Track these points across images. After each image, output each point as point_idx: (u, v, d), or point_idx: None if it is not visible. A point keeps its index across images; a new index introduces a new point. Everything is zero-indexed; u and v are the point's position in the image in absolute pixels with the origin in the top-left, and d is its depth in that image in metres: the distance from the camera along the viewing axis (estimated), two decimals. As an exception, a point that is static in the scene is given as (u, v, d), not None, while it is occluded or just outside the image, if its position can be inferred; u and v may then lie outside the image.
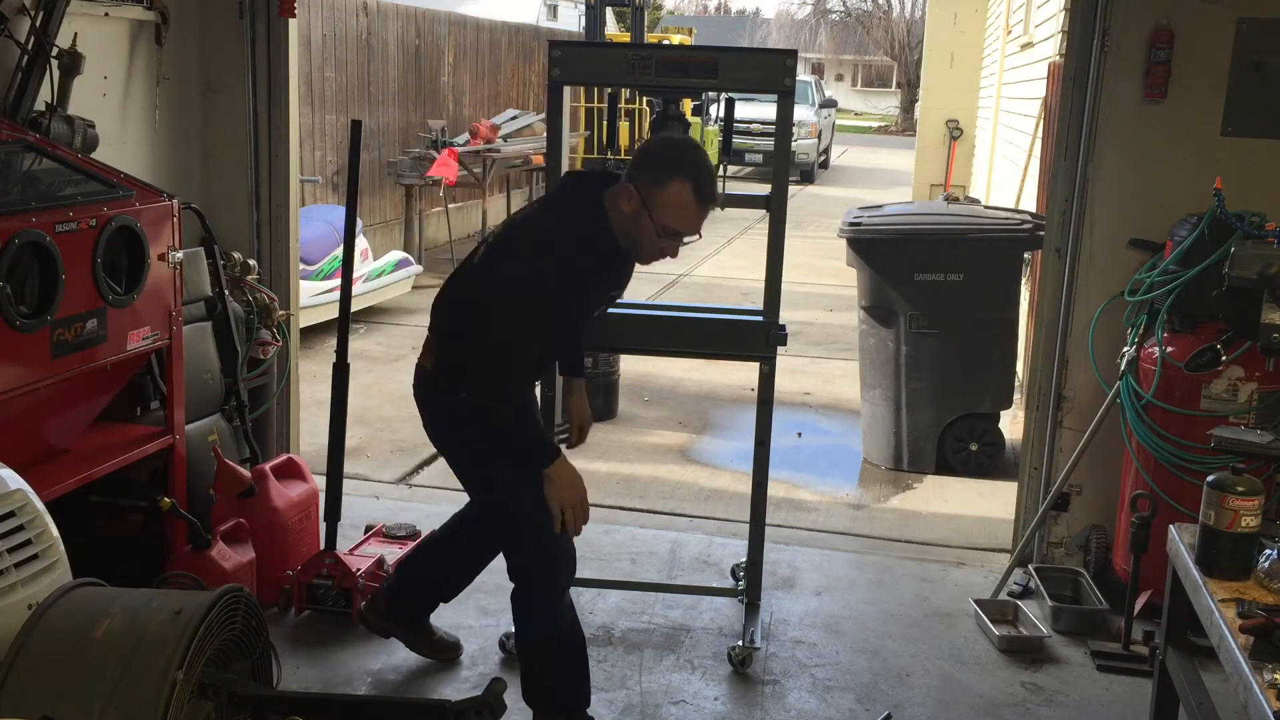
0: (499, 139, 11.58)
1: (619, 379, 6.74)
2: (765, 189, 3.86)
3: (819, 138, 22.45)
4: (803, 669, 3.82)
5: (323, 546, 4.07)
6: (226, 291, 4.33)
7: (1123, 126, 4.22)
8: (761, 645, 3.89)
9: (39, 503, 2.56)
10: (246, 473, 3.98)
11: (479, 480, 3.31)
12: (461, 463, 3.31)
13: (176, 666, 2.21)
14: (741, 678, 3.75)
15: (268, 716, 2.52)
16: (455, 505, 4.85)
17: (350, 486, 4.63)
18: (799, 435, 6.52)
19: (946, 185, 14.91)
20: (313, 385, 6.18)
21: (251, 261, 4.67)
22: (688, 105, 12.95)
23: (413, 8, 11.76)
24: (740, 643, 3.84)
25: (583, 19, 15.85)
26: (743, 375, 6.76)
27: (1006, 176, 9.75)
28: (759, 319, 3.83)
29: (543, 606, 3.22)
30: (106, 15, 4.22)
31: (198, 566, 3.59)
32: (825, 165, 24.56)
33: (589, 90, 13.77)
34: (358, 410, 5.64)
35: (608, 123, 4.04)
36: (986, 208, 7.23)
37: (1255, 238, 3.73)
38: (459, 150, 10.56)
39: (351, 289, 4.17)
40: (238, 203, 4.83)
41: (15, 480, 2.54)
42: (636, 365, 7.33)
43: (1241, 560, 2.67)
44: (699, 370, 7.53)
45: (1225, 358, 3.83)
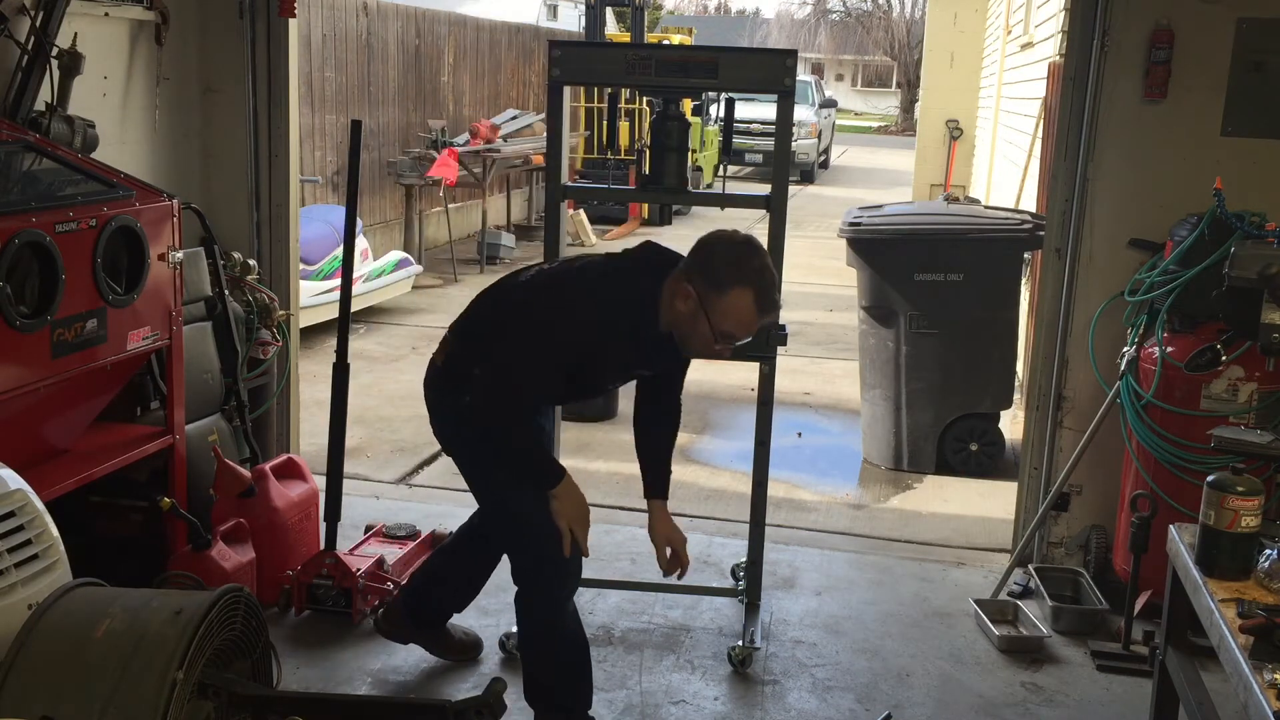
0: (499, 139, 11.58)
1: (619, 379, 6.73)
2: (765, 189, 3.86)
3: (819, 138, 22.46)
4: (803, 669, 3.82)
5: (323, 546, 4.06)
6: (226, 291, 4.33)
7: (1123, 126, 4.22)
8: (761, 645, 3.89)
9: (39, 503, 2.56)
10: (246, 473, 3.98)
11: (481, 481, 3.30)
12: (465, 463, 3.31)
13: (176, 666, 2.22)
14: (741, 678, 3.75)
15: (268, 716, 2.52)
16: (455, 505, 4.88)
17: (350, 486, 4.63)
18: (799, 435, 6.52)
19: (946, 185, 14.91)
20: (313, 385, 6.18)
21: (251, 261, 4.66)
22: (688, 105, 13.02)
23: (413, 8, 11.76)
24: (740, 643, 3.84)
25: (583, 19, 15.87)
26: (742, 375, 6.75)
27: (1006, 176, 9.75)
28: (759, 319, 3.82)
29: (545, 606, 3.22)
30: (106, 15, 4.22)
31: (198, 566, 3.59)
32: (825, 165, 24.57)
33: (589, 90, 13.78)
34: (358, 410, 5.64)
35: (608, 123, 4.04)
36: (986, 208, 7.23)
37: (1255, 238, 3.73)
38: (459, 150, 10.56)
39: (351, 289, 4.17)
40: (238, 203, 4.83)
41: (15, 480, 2.54)
42: (636, 365, 7.31)
43: (1241, 560, 2.67)
44: (699, 370, 7.42)
45: (1225, 358, 3.83)
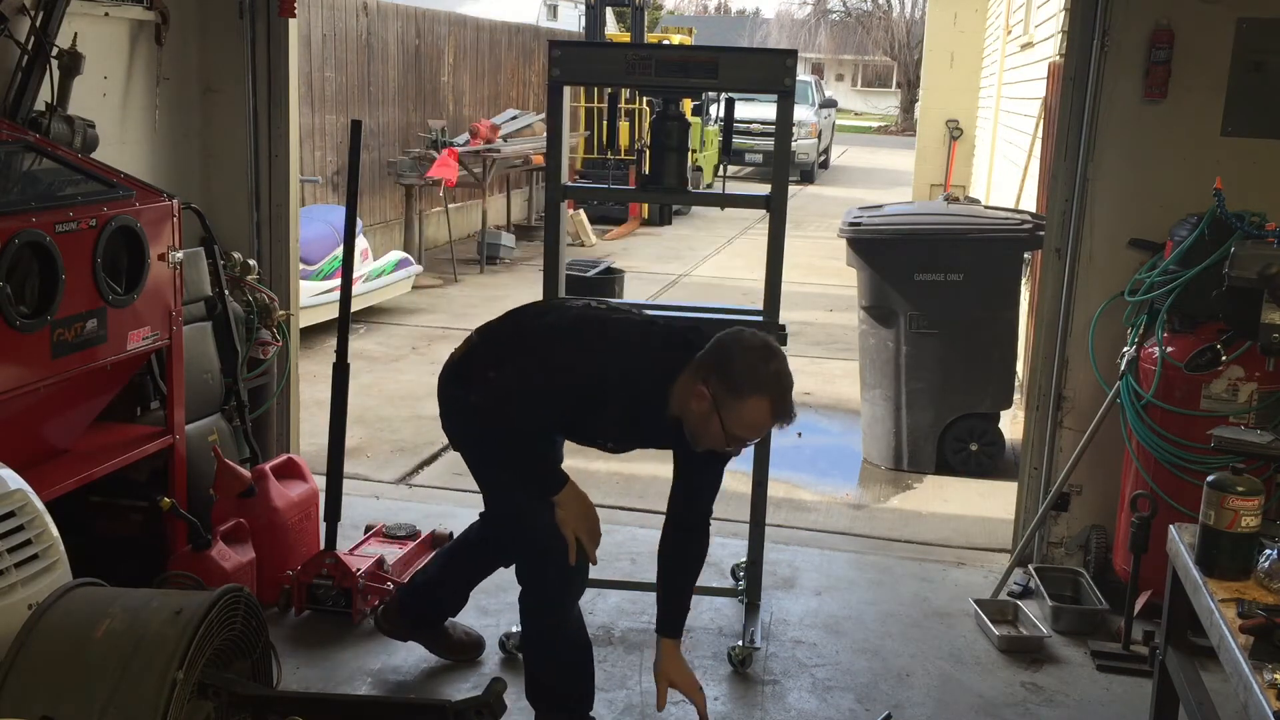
0: (499, 139, 11.57)
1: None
2: (765, 189, 3.86)
3: (819, 138, 22.46)
4: (803, 669, 3.82)
5: (323, 546, 4.06)
6: (226, 291, 4.33)
7: (1123, 126, 4.22)
8: (761, 645, 3.89)
9: (39, 503, 2.56)
10: (246, 473, 3.98)
11: (485, 479, 3.31)
12: (472, 461, 3.31)
13: (176, 666, 2.22)
14: (741, 678, 3.75)
15: (268, 716, 2.52)
16: (455, 505, 4.88)
17: (350, 486, 4.63)
18: (799, 435, 6.51)
19: (946, 185, 14.91)
20: (313, 385, 6.18)
21: (251, 261, 4.66)
22: (688, 105, 13.03)
23: (413, 8, 11.76)
24: (740, 643, 3.84)
25: (583, 19, 15.88)
26: (743, 375, 6.75)
27: (1006, 176, 9.75)
28: (759, 319, 3.83)
29: (548, 608, 3.21)
30: (106, 15, 4.22)
31: (198, 566, 3.59)
32: (825, 165, 24.56)
33: (589, 90, 13.78)
34: (358, 410, 5.64)
35: (608, 123, 4.04)
36: (986, 208, 7.23)
37: (1255, 238, 3.73)
38: (459, 150, 10.56)
39: (351, 289, 4.17)
40: (238, 203, 4.83)
41: (15, 480, 2.54)
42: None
43: (1241, 560, 2.67)
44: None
45: (1225, 358, 3.83)
